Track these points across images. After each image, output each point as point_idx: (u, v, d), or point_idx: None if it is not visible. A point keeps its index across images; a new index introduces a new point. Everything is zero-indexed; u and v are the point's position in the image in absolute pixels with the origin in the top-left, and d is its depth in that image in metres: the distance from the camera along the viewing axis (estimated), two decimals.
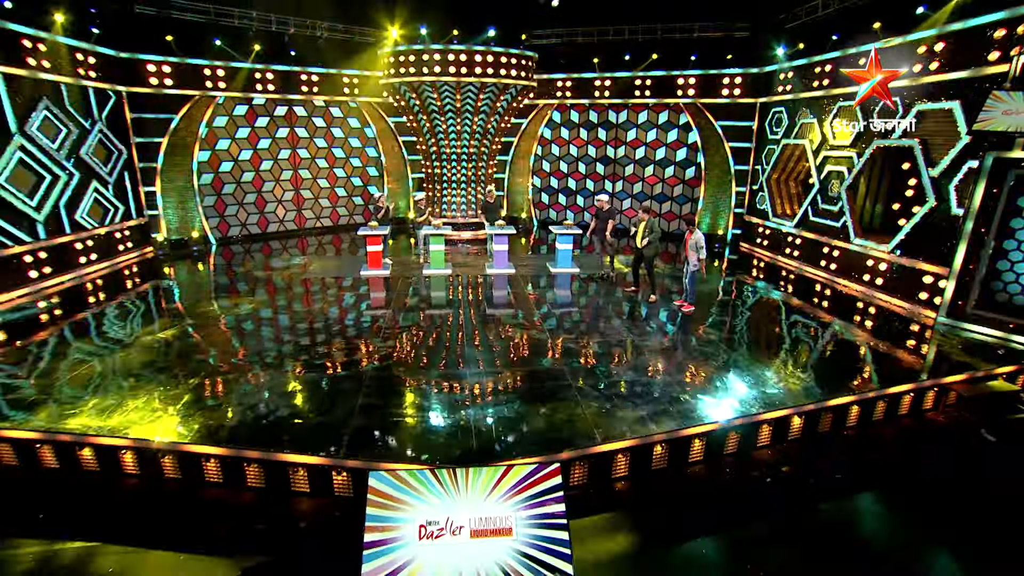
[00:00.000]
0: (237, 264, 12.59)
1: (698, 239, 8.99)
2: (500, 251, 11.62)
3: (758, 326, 8.95)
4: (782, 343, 8.16)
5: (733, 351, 7.59)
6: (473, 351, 7.45)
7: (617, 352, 7.54)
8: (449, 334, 8.12)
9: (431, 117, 14.68)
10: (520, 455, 5.14)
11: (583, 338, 8.01)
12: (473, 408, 5.94)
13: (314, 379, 6.58)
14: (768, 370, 6.97)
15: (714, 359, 7.30)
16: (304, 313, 9.23)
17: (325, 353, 7.36)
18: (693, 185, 15.43)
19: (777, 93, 13.21)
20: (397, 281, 11.11)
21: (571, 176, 16.93)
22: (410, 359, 7.22)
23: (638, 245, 9.99)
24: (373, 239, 11.50)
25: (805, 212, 12.45)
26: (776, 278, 11.89)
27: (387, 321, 8.69)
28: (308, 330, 8.35)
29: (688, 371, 6.90)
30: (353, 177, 16.71)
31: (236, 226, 14.85)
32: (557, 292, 10.75)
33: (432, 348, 7.61)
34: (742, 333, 8.58)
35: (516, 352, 7.50)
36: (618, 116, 15.92)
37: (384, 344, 7.68)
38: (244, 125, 14.36)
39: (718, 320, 9.10)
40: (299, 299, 9.98)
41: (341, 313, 9.22)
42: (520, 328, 8.43)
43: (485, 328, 8.41)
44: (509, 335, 8.12)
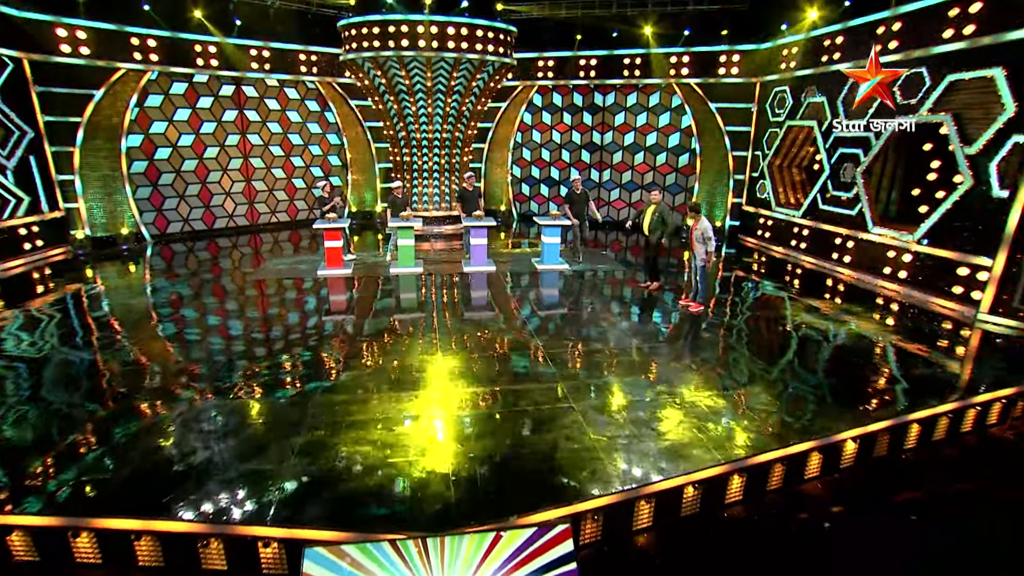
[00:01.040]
0: (177, 265, 10.86)
1: (705, 228, 7.74)
2: (478, 246, 10.19)
3: (773, 329, 7.73)
4: (807, 351, 6.94)
5: (758, 359, 6.34)
6: (448, 368, 6.02)
7: (623, 364, 6.20)
8: (418, 346, 6.66)
9: (399, 98, 13.14)
10: (514, 511, 3.76)
11: (580, 347, 6.66)
12: (449, 445, 4.51)
13: (243, 409, 5.06)
14: (795, 382, 5.73)
15: (737, 371, 6.03)
16: (246, 323, 7.65)
17: (262, 374, 5.83)
18: (687, 173, 14.26)
19: (779, 71, 12.09)
20: (360, 282, 9.58)
21: (554, 165, 15.60)
22: (369, 379, 5.75)
23: (645, 232, 8.81)
24: (331, 233, 9.94)
25: (813, 200, 11.36)
26: (782, 273, 10.76)
27: (343, 331, 7.19)
28: (247, 344, 6.79)
29: (711, 387, 5.61)
30: (313, 167, 15.04)
31: (177, 222, 13.05)
32: (544, 291, 9.39)
33: (397, 365, 6.14)
34: (761, 337, 7.34)
35: (501, 368, 6.10)
36: (605, 98, 14.65)
37: (338, 360, 6.18)
38: (184, 106, 12.59)
39: (733, 323, 7.86)
40: (243, 306, 8.38)
41: (290, 321, 7.68)
42: (504, 337, 7.03)
43: (463, 338, 6.99)
44: (492, 346, 6.72)
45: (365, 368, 6.00)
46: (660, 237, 8.78)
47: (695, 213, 7.85)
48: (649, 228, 8.81)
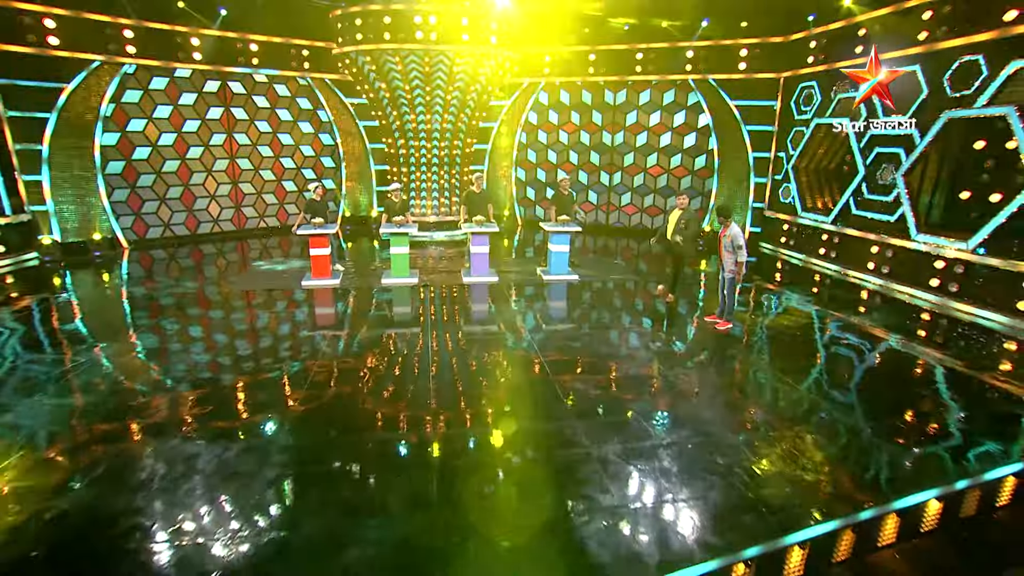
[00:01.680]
0: (150, 274, 9.97)
1: (735, 236, 6.80)
2: (479, 254, 9.27)
3: (813, 351, 6.75)
4: (859, 379, 5.96)
5: (801, 389, 5.37)
6: (443, 402, 5.08)
7: (646, 398, 5.25)
8: (410, 373, 5.72)
9: (398, 105, 12.30)
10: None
11: (598, 374, 5.71)
12: (443, 515, 3.56)
13: (188, 457, 4.12)
14: (853, 421, 4.75)
15: (781, 408, 5.06)
16: (208, 344, 6.72)
17: (217, 411, 4.90)
18: (704, 176, 13.31)
19: (807, 64, 11.14)
20: (347, 294, 8.66)
21: (560, 167, 14.68)
22: (347, 420, 4.81)
23: (668, 239, 7.90)
24: (317, 240, 9.03)
25: (846, 205, 10.38)
26: (812, 284, 9.78)
27: (323, 352, 6.25)
28: (210, 369, 5.87)
29: (754, 430, 4.64)
30: (304, 168, 14.17)
31: (157, 226, 12.18)
32: (552, 305, 8.45)
33: (384, 396, 5.20)
34: (802, 363, 6.36)
35: (506, 401, 5.16)
36: (615, 96, 13.74)
37: (312, 391, 5.24)
38: (165, 102, 11.74)
39: (766, 345, 6.89)
40: (210, 323, 7.46)
41: (259, 343, 6.75)
42: (509, 361, 6.08)
43: (462, 362, 6.05)
44: (494, 373, 5.77)
45: (334, 407, 5.06)
46: (688, 252, 7.86)
47: (724, 218, 6.91)
48: (674, 235, 7.88)
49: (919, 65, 8.72)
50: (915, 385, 5.73)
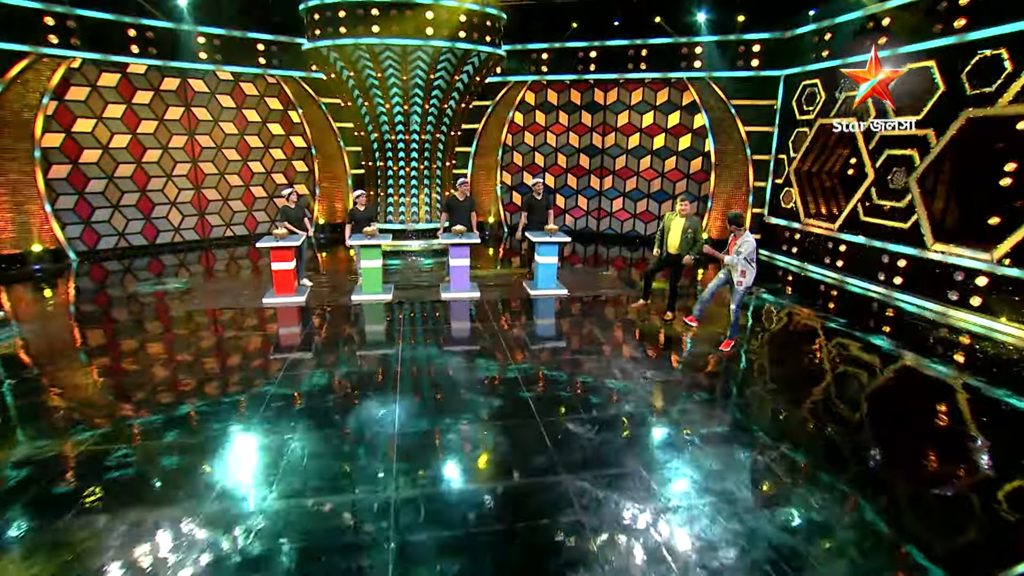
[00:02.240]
0: (94, 289, 8.99)
1: (748, 246, 6.05)
2: (459, 268, 8.42)
3: (833, 376, 5.99)
4: (894, 415, 5.21)
5: (827, 427, 4.59)
6: (408, 452, 4.22)
7: (649, 446, 4.43)
8: (376, 410, 4.86)
9: (370, 95, 11.41)
10: None
11: (591, 411, 4.88)
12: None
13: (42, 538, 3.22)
14: (897, 472, 3.98)
15: (809, 456, 4.27)
16: (135, 378, 5.79)
17: (113, 469, 3.99)
18: (700, 180, 12.59)
19: (810, 61, 10.47)
20: (311, 314, 7.77)
21: (548, 171, 13.89)
22: (301, 473, 3.93)
23: (671, 251, 7.13)
24: (279, 253, 8.13)
25: (853, 211, 9.70)
26: (820, 297, 9.07)
27: (273, 383, 5.36)
28: (133, 407, 4.95)
29: (782, 489, 3.84)
30: (274, 173, 13.23)
31: (110, 236, 11.17)
32: (538, 324, 7.62)
33: (341, 439, 4.33)
34: (821, 392, 5.59)
35: (483, 452, 4.31)
36: (606, 95, 12.98)
37: (257, 433, 4.35)
38: (116, 100, 10.76)
39: (777, 369, 6.11)
40: (145, 350, 6.52)
41: (196, 374, 5.83)
42: (489, 398, 5.24)
43: (433, 403, 5.20)
44: (471, 414, 4.92)
45: (291, 453, 4.18)
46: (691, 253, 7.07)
47: (737, 226, 6.13)
48: (679, 247, 7.10)
49: (934, 61, 8.07)
50: None
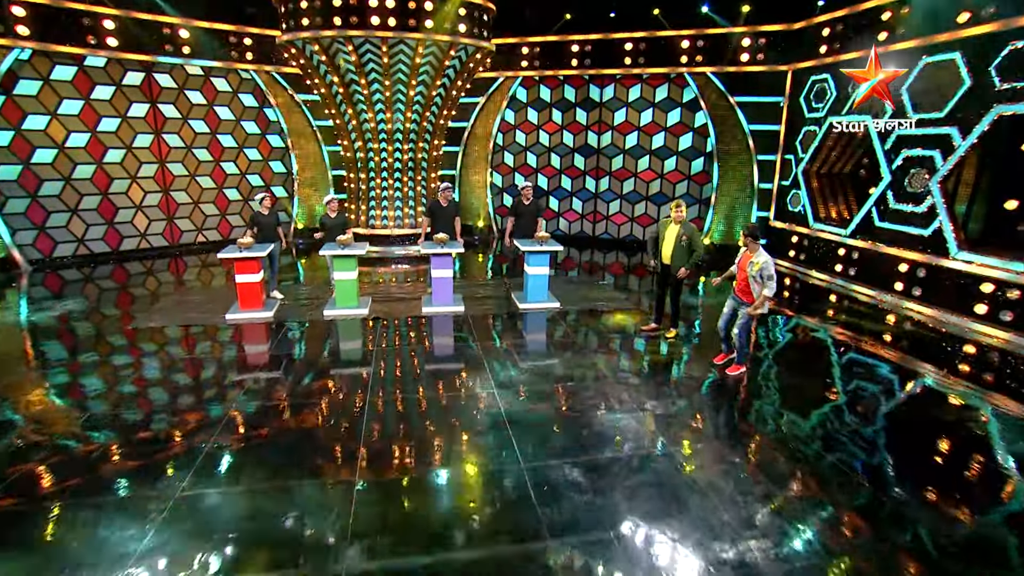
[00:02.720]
0: (41, 302, 8.21)
1: (765, 264, 5.32)
2: (442, 279, 7.69)
3: (858, 402, 5.29)
4: (938, 452, 4.52)
5: (861, 463, 3.89)
6: (370, 515, 3.49)
7: (654, 491, 3.72)
8: (330, 461, 4.13)
9: (354, 102, 10.72)
10: None
11: (585, 454, 4.16)
12: None
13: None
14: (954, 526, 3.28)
15: (849, 505, 3.58)
16: (64, 414, 5.04)
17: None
18: (701, 182, 11.90)
19: (818, 55, 9.79)
20: (277, 333, 7.02)
21: (541, 171, 13.17)
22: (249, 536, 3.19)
23: (664, 261, 6.47)
24: (244, 264, 7.38)
25: (867, 215, 9.03)
26: (832, 308, 8.40)
27: (224, 417, 4.62)
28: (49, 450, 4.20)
29: (811, 551, 3.14)
30: (250, 175, 12.45)
31: (68, 242, 10.38)
32: (528, 343, 6.90)
33: (288, 496, 3.60)
34: (847, 424, 4.89)
35: (458, 512, 3.59)
36: (602, 92, 12.26)
37: (195, 483, 3.62)
38: (73, 96, 9.96)
39: (793, 394, 5.41)
40: (85, 378, 5.76)
41: (137, 408, 5.08)
42: (467, 439, 4.52)
43: (403, 447, 4.47)
44: (446, 460, 4.20)
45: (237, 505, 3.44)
46: (686, 265, 6.38)
47: (752, 240, 5.43)
48: (672, 257, 6.41)
49: (959, 52, 7.40)
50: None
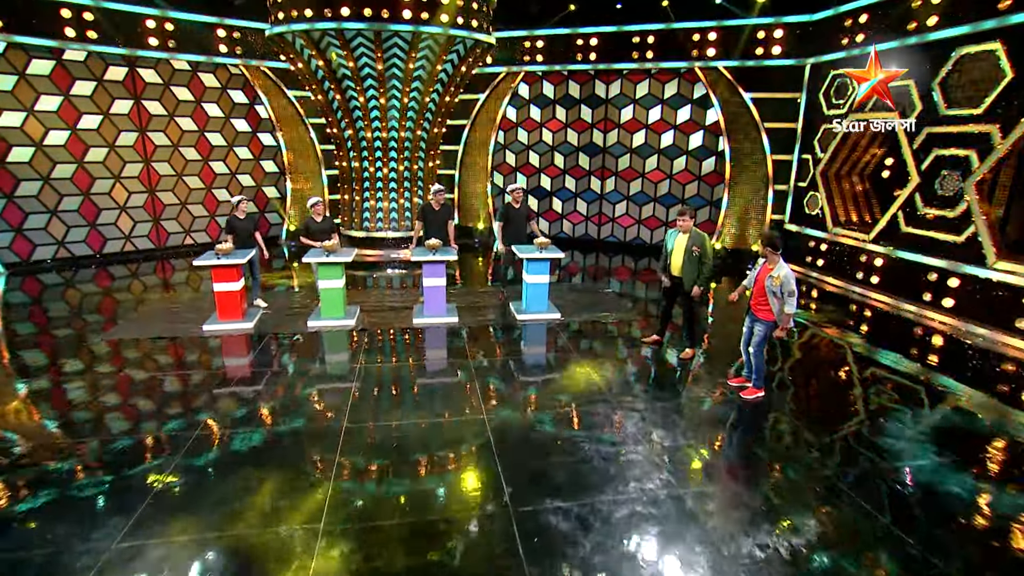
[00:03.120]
0: (11, 310, 7.75)
1: (785, 279, 4.75)
2: (433, 288, 7.15)
3: (899, 432, 4.70)
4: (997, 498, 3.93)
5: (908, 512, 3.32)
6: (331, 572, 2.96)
7: (662, 544, 3.16)
8: (295, 509, 3.60)
9: (342, 88, 10.17)
10: None
11: (582, 496, 3.61)
12: None
13: None
14: None
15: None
16: (10, 437, 4.54)
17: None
18: (713, 183, 11.30)
19: (841, 47, 9.16)
20: (257, 346, 6.52)
21: (544, 172, 12.61)
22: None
23: (674, 273, 5.92)
24: (223, 272, 6.88)
25: (892, 220, 8.41)
26: (853, 318, 7.79)
27: (169, 463, 4.11)
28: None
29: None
30: (240, 174, 11.97)
31: (48, 245, 9.93)
32: (524, 360, 6.36)
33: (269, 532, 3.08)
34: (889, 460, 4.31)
35: (428, 565, 3.06)
36: (608, 88, 11.68)
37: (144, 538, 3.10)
38: (51, 92, 9.50)
39: (823, 423, 4.82)
40: (39, 402, 5.27)
41: (95, 428, 4.58)
42: (450, 475, 3.99)
43: (378, 480, 3.94)
44: (425, 502, 3.66)
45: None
46: (697, 282, 5.83)
47: (772, 250, 4.86)
48: (683, 270, 5.85)
49: (999, 42, 6.77)
50: None
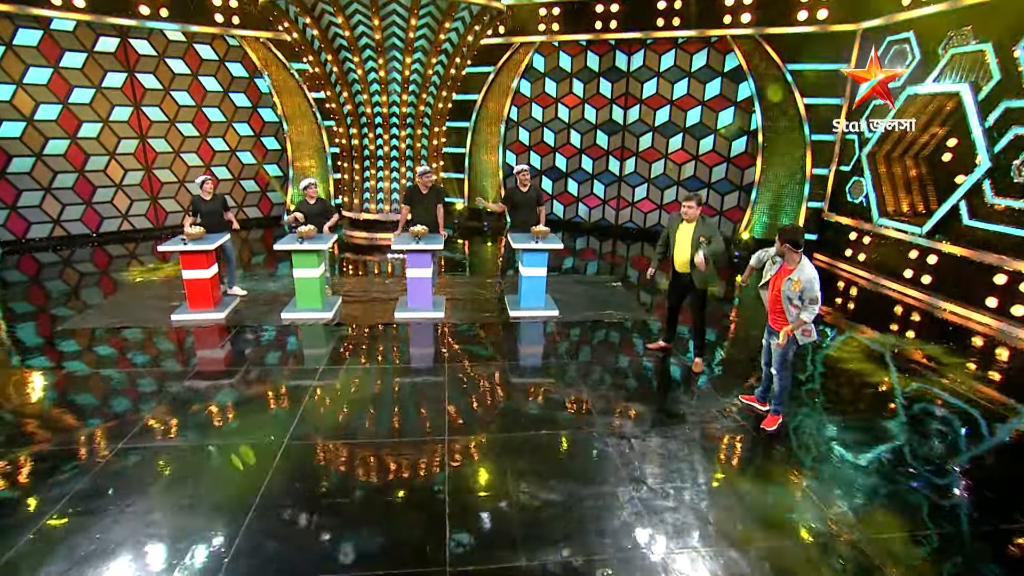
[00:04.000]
0: (31, 283, 7.50)
1: (808, 283, 3.87)
2: (417, 280, 6.49)
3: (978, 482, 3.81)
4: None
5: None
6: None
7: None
8: (207, 542, 3.04)
9: (339, 58, 9.48)
10: None
11: (571, 554, 2.93)
12: None
13: None
14: None
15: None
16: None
17: None
18: (743, 165, 10.21)
19: (900, 8, 7.91)
20: (224, 338, 6.02)
21: (559, 151, 11.72)
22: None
23: (679, 270, 5.18)
24: (192, 258, 6.39)
25: (952, 210, 7.26)
26: (899, 324, 6.77)
27: (91, 468, 3.61)
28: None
29: None
30: (240, 152, 11.51)
31: (43, 223, 9.71)
32: (508, 362, 5.64)
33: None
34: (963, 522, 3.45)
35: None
36: (630, 60, 10.63)
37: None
38: (40, 64, 9.14)
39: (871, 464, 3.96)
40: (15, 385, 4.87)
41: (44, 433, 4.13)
42: (410, 513, 3.35)
43: (306, 530, 3.34)
44: (378, 554, 3.04)
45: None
46: (710, 281, 4.99)
47: (792, 247, 3.97)
48: (691, 266, 5.00)
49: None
50: None
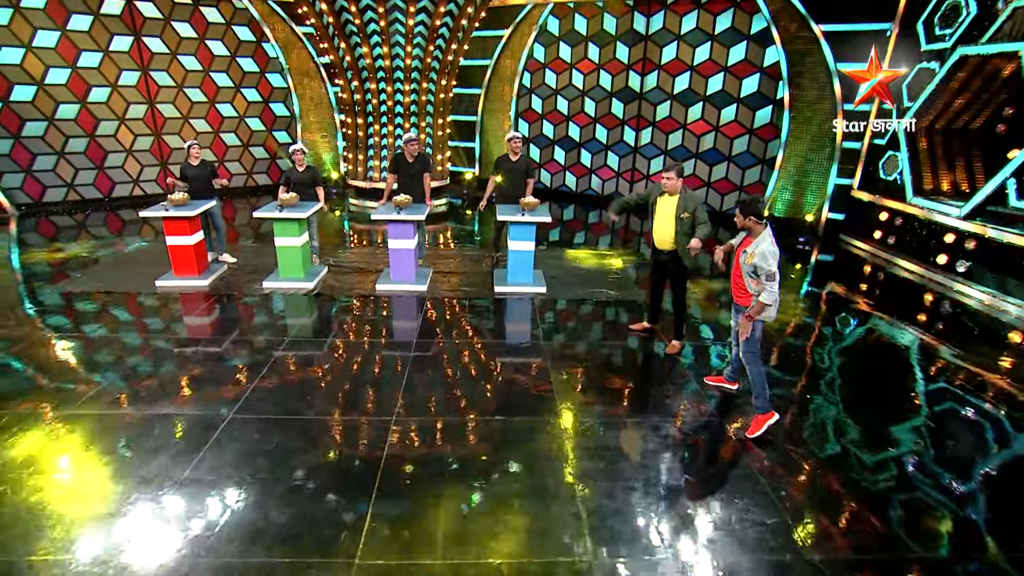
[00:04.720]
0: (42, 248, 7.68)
1: (761, 256, 3.44)
2: (400, 251, 6.24)
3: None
4: None
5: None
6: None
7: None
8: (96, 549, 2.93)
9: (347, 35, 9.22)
10: None
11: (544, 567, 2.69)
12: None
13: None
14: None
15: None
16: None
17: None
18: (767, 137, 9.45)
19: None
20: (201, 305, 5.96)
21: (572, 119, 11.15)
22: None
23: (659, 247, 4.77)
24: (175, 224, 6.31)
25: (999, 190, 6.48)
26: (929, 315, 6.13)
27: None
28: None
29: None
30: (249, 118, 11.42)
31: (58, 187, 9.89)
32: (487, 341, 5.37)
33: None
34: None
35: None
36: (648, 22, 9.90)
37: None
38: (48, 27, 9.16)
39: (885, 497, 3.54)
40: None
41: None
42: (348, 526, 3.16)
43: (274, 537, 3.19)
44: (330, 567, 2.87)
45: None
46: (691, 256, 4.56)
47: (754, 218, 3.53)
48: (675, 242, 4.57)
49: None
50: None
